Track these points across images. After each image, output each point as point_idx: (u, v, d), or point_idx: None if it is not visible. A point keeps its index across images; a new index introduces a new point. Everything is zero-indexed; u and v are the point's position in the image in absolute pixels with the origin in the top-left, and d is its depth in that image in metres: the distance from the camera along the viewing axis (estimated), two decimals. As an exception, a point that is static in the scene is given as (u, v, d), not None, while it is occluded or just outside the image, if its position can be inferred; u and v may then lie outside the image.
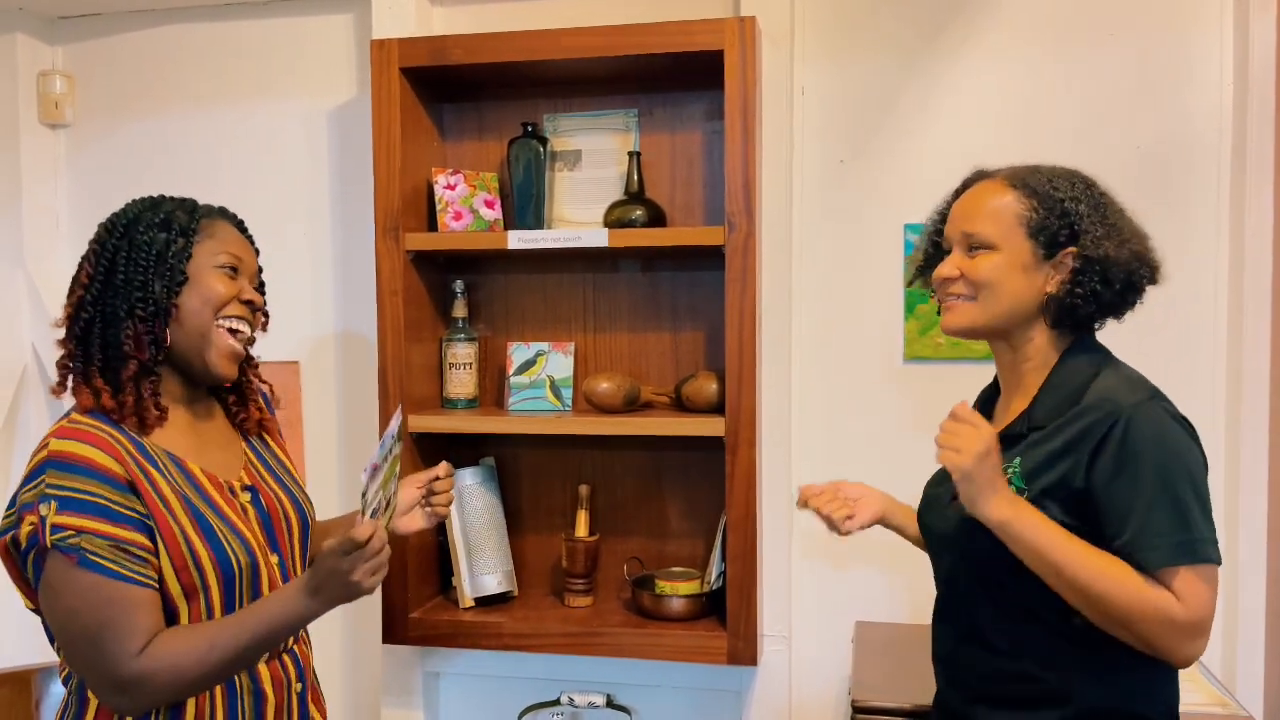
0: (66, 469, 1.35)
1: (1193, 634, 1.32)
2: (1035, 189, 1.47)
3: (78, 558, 1.33)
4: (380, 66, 2.25)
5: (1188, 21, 2.19)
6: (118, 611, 1.34)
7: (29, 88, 2.67)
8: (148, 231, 1.48)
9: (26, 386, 2.71)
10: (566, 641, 2.23)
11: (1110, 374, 1.44)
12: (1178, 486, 1.33)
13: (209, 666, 1.38)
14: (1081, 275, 1.44)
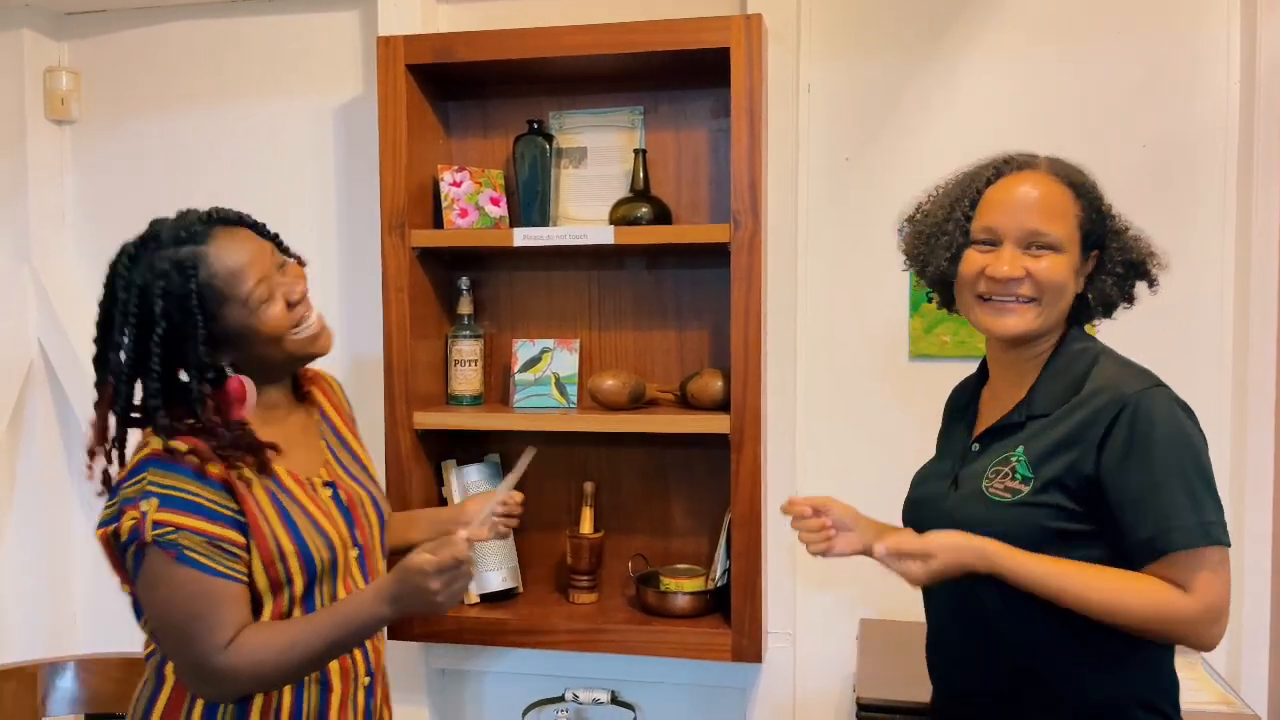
0: (167, 467, 1.41)
1: (1209, 620, 1.32)
2: (1084, 189, 1.47)
3: (176, 553, 1.39)
4: (386, 64, 2.25)
5: (1194, 20, 2.19)
6: (209, 606, 1.41)
7: (35, 84, 2.68)
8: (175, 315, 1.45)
9: (33, 382, 2.71)
10: (571, 638, 2.23)
11: (1108, 362, 1.45)
12: (1187, 471, 1.34)
13: (289, 663, 1.44)
14: (1109, 278, 1.47)
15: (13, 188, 2.67)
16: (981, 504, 1.43)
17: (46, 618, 2.72)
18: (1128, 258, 1.47)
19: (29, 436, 2.72)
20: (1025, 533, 1.38)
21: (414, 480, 2.30)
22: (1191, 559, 1.31)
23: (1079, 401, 1.40)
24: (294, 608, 1.50)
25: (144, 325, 1.46)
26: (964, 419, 1.60)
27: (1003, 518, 1.40)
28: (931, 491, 1.56)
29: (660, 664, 2.35)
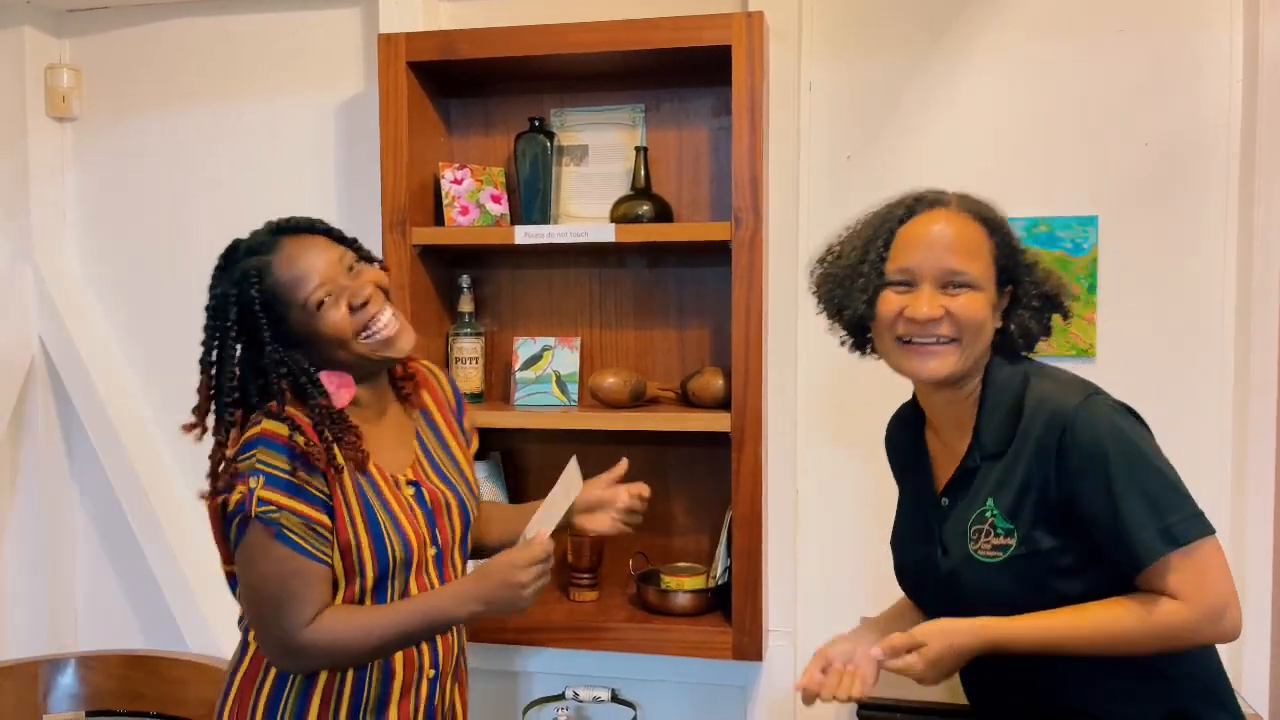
0: (275, 448, 1.49)
1: (1212, 619, 1.31)
2: (995, 225, 1.45)
3: (275, 531, 1.48)
4: (387, 61, 2.25)
5: (1196, 19, 2.18)
6: (300, 584, 1.50)
7: (37, 81, 2.68)
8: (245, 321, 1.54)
9: (34, 379, 2.71)
10: (571, 636, 2.23)
11: (1039, 380, 1.43)
12: (1138, 478, 1.32)
13: (365, 647, 1.53)
14: (1024, 311, 1.46)
15: (14, 185, 2.67)
16: (976, 570, 1.42)
17: (47, 615, 2.72)
18: (1042, 290, 1.47)
19: (30, 434, 2.72)
20: (1029, 585, 1.38)
21: (415, 478, 2.29)
22: (1168, 566, 1.30)
23: (1023, 430, 1.39)
24: (364, 597, 1.56)
25: (223, 331, 1.56)
26: (918, 467, 1.58)
27: (1001, 578, 1.39)
28: (922, 558, 1.53)
29: (661, 662, 2.35)
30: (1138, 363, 2.22)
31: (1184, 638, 1.32)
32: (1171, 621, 1.30)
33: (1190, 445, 2.21)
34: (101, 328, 2.73)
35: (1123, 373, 2.22)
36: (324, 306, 1.55)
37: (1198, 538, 1.31)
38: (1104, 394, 1.40)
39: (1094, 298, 2.21)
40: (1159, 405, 2.19)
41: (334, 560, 1.53)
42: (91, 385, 2.66)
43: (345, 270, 1.58)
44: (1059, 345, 2.22)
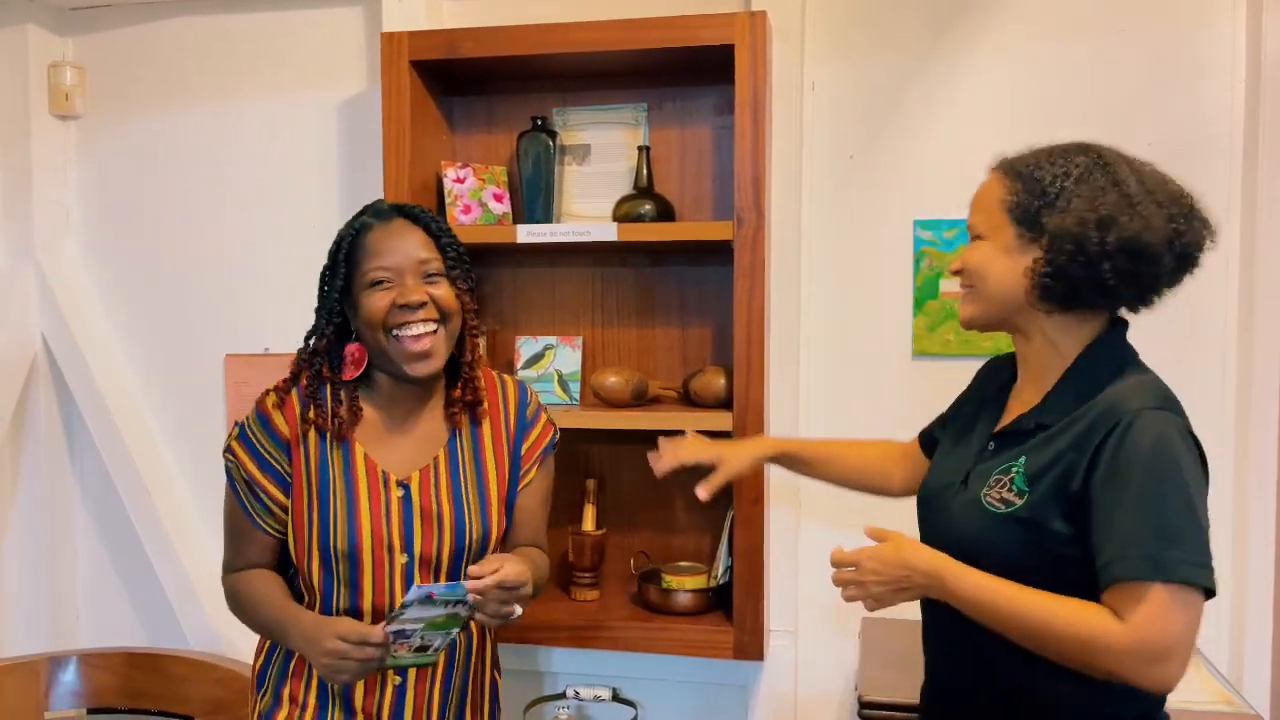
0: (257, 410, 1.66)
1: (1145, 658, 1.23)
2: (1019, 171, 1.43)
3: (229, 478, 1.66)
4: (390, 59, 2.25)
5: (1199, 18, 2.18)
6: (233, 532, 1.68)
7: (40, 79, 2.68)
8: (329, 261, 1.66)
9: (36, 377, 2.71)
10: (573, 634, 2.23)
11: (1130, 376, 1.38)
12: (1167, 499, 1.26)
13: (245, 618, 1.67)
14: (1051, 252, 1.36)
15: (16, 182, 2.68)
16: (977, 512, 1.41)
17: (49, 612, 2.73)
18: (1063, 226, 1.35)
19: (32, 432, 2.73)
20: (1015, 548, 1.36)
21: (416, 476, 2.29)
22: (1137, 591, 1.24)
23: (1083, 412, 1.35)
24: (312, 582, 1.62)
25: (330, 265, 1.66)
26: (992, 408, 1.55)
27: (994, 530, 1.38)
28: (944, 484, 1.52)
29: (662, 661, 2.35)
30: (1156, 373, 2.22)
31: (1103, 658, 1.25)
32: (1101, 634, 1.24)
33: (1192, 446, 2.21)
34: (103, 326, 2.73)
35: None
36: (376, 287, 1.59)
37: (1186, 582, 1.23)
38: (1180, 414, 1.34)
39: (1096, 298, 2.21)
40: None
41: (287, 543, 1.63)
42: (93, 383, 2.66)
43: (420, 272, 1.61)
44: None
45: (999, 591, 1.31)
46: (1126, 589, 1.25)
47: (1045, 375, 1.44)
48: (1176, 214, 1.36)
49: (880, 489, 1.79)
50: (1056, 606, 1.28)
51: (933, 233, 2.28)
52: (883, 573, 1.39)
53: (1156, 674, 1.24)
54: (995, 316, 1.45)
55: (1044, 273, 1.37)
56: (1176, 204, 1.37)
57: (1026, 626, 1.30)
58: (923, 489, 1.58)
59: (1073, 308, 1.40)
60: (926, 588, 1.37)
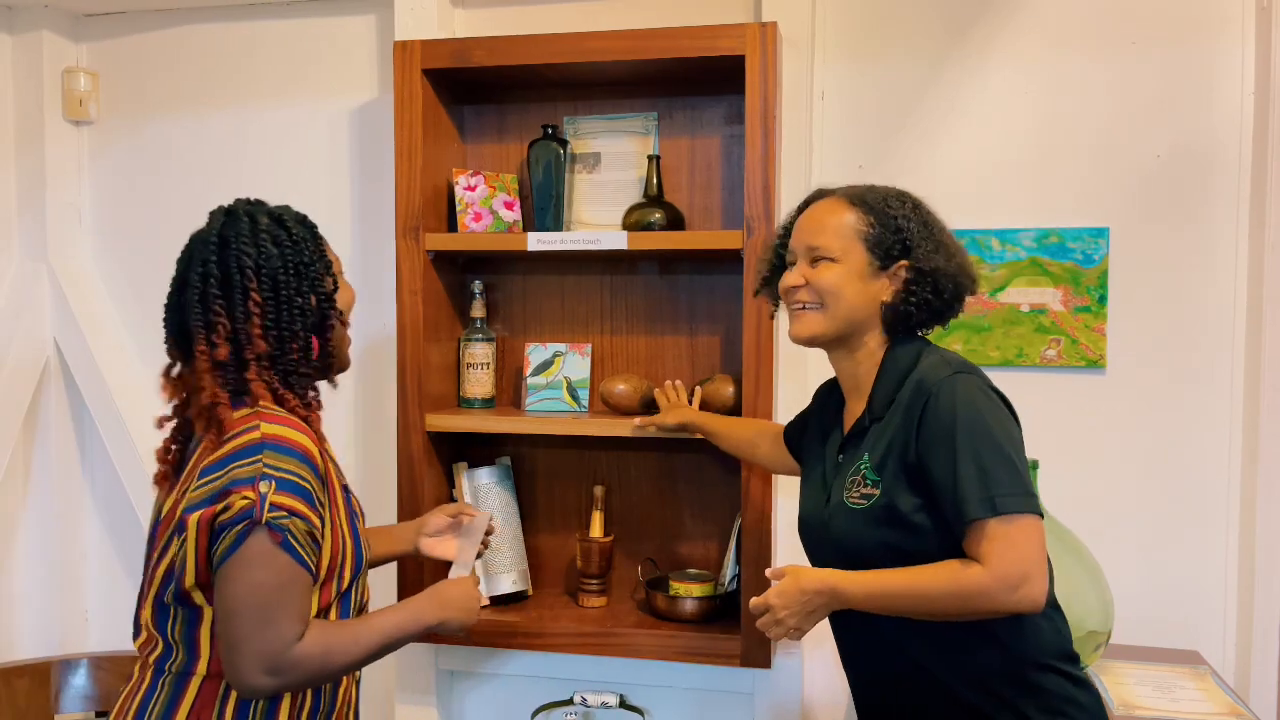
0: (282, 451, 1.44)
1: (1006, 588, 1.39)
2: (872, 206, 1.60)
3: (282, 538, 1.41)
4: (402, 68, 2.27)
5: (1210, 31, 2.19)
6: (293, 595, 1.43)
7: (54, 85, 2.70)
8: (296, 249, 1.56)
9: (48, 380, 2.73)
10: (580, 641, 2.24)
11: (929, 356, 1.57)
12: (979, 448, 1.43)
13: (352, 658, 1.50)
14: (914, 285, 1.58)
15: (30, 187, 2.70)
16: (844, 514, 1.57)
17: (59, 615, 2.74)
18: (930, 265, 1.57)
19: (43, 434, 2.74)
20: (887, 533, 1.51)
21: (425, 482, 2.31)
22: (982, 530, 1.41)
23: (900, 397, 1.54)
24: (330, 607, 1.53)
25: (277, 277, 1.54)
26: (834, 429, 1.71)
27: (863, 524, 1.53)
28: (812, 507, 1.69)
29: (668, 668, 2.36)
30: (1148, 374, 2.23)
31: (981, 603, 1.40)
32: (971, 585, 1.39)
33: (1200, 456, 2.21)
34: (115, 330, 2.75)
35: (1133, 384, 2.23)
36: (344, 277, 1.65)
37: (1016, 512, 1.40)
38: (976, 374, 1.53)
39: (1104, 309, 2.22)
40: (1169, 416, 2.21)
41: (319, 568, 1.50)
42: (105, 386, 2.67)
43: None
44: (1069, 356, 2.23)
45: (882, 580, 1.47)
46: (973, 531, 1.42)
47: (864, 383, 1.64)
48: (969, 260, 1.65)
49: (750, 458, 2.08)
50: (929, 574, 1.44)
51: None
52: (790, 605, 1.52)
53: (1022, 597, 1.39)
54: (840, 334, 1.62)
55: (907, 302, 1.58)
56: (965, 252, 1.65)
57: (914, 602, 1.45)
58: (799, 519, 1.73)
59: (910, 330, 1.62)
60: (828, 604, 1.51)
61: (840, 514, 1.57)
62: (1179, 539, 2.23)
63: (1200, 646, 2.19)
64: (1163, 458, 2.23)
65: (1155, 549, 2.23)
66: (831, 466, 1.67)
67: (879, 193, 1.63)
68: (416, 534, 1.92)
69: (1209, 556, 2.22)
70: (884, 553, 1.50)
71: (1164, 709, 1.83)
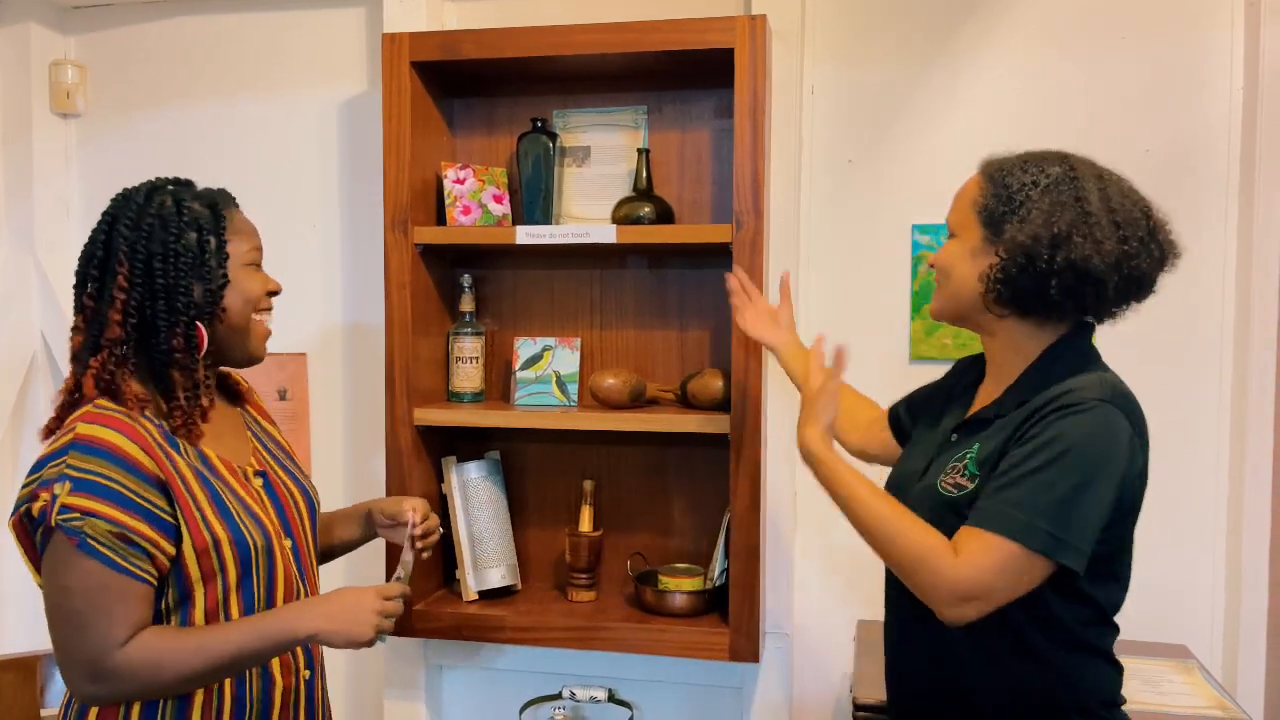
0: (90, 452, 1.37)
1: (953, 593, 1.31)
2: (993, 174, 1.47)
3: (78, 541, 1.35)
4: (391, 60, 2.26)
5: (1199, 27, 2.19)
6: (108, 600, 1.36)
7: (41, 77, 2.69)
8: (181, 234, 1.48)
9: (36, 373, 2.72)
10: (569, 636, 2.24)
11: (1089, 374, 1.41)
12: (1052, 476, 1.30)
13: (191, 669, 1.40)
14: (1006, 260, 1.41)
15: (18, 180, 2.69)
16: (932, 497, 1.46)
17: (46, 609, 2.73)
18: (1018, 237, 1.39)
19: (31, 426, 2.73)
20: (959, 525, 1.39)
21: (414, 476, 2.30)
22: (980, 534, 1.32)
23: (1036, 402, 1.39)
24: (228, 599, 1.47)
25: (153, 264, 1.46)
26: (959, 403, 1.60)
27: (944, 511, 1.42)
28: (908, 472, 1.59)
29: (658, 663, 2.36)
30: (1136, 369, 2.22)
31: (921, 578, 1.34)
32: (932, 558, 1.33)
33: (1188, 453, 2.22)
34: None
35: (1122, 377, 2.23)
36: (252, 268, 1.58)
37: (1035, 549, 1.30)
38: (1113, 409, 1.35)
39: (1093, 303, 2.22)
40: (1157, 413, 2.19)
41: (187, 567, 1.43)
42: (93, 380, 2.66)
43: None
44: (1058, 350, 2.23)
45: (858, 486, 1.42)
46: (979, 534, 1.32)
47: (1006, 373, 1.49)
48: (1131, 237, 1.39)
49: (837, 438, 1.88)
50: (909, 522, 1.37)
51: (931, 237, 2.29)
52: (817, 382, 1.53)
53: (956, 612, 1.33)
54: (958, 314, 1.52)
55: (996, 279, 1.42)
56: (1134, 226, 1.40)
57: (876, 527, 1.39)
58: (890, 477, 1.64)
59: (1025, 315, 1.45)
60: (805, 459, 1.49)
61: (928, 494, 1.47)
62: (1168, 534, 2.23)
63: (1188, 641, 2.19)
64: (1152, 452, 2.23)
65: (1144, 544, 2.21)
66: (943, 441, 1.56)
67: (1021, 157, 1.47)
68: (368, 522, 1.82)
69: (1197, 552, 2.22)
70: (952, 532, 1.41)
71: (1152, 703, 1.84)
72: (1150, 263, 1.41)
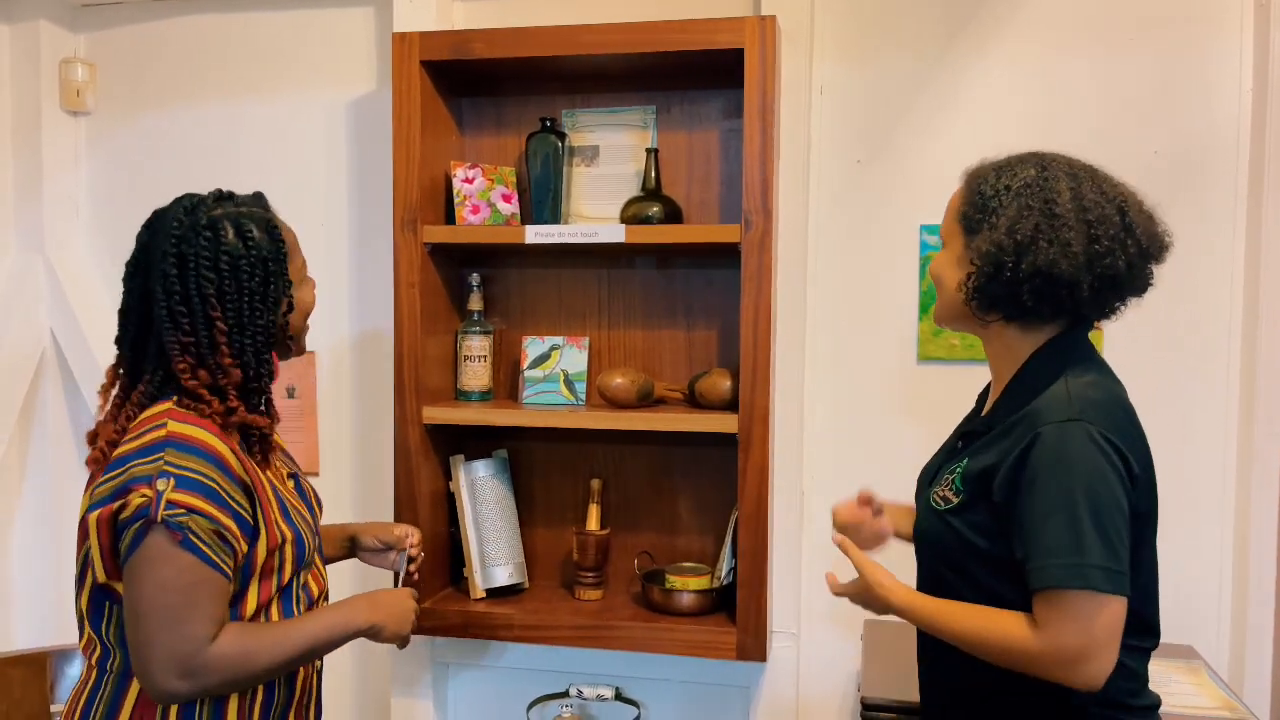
0: (186, 449, 1.41)
1: (1060, 662, 1.30)
2: (971, 181, 1.48)
3: (182, 536, 1.37)
4: (401, 59, 2.26)
5: (1208, 27, 2.19)
6: (203, 595, 1.39)
7: (51, 75, 2.69)
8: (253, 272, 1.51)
9: (45, 371, 2.73)
10: (576, 634, 2.24)
11: (1063, 386, 1.39)
12: (1078, 508, 1.30)
13: (275, 661, 1.46)
14: (977, 269, 1.42)
15: (27, 178, 2.69)
16: (926, 508, 1.51)
17: (56, 605, 2.74)
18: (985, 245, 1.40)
19: (40, 425, 2.74)
20: (953, 543, 1.44)
21: (422, 475, 2.31)
22: (1055, 598, 1.30)
23: (1017, 419, 1.40)
24: (273, 599, 1.52)
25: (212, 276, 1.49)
26: (974, 410, 1.63)
27: (936, 526, 1.47)
28: (924, 473, 1.63)
29: (664, 661, 2.36)
30: (1145, 370, 2.23)
31: (1024, 663, 1.33)
32: (1018, 643, 1.32)
33: (1195, 452, 2.22)
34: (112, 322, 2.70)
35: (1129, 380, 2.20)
36: (306, 282, 1.63)
37: (1099, 589, 1.29)
38: (1098, 420, 1.34)
39: (1101, 304, 2.22)
40: (1165, 412, 2.22)
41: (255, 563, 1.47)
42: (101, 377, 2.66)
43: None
44: (1066, 351, 2.23)
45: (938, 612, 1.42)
46: (1045, 597, 1.31)
47: (1002, 377, 1.51)
48: (1103, 236, 1.37)
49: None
50: (984, 621, 1.37)
51: (938, 238, 2.28)
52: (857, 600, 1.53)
53: (1076, 675, 1.31)
54: (954, 320, 1.53)
55: (971, 287, 1.43)
56: (1106, 224, 1.37)
57: (965, 642, 1.39)
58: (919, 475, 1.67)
59: (1011, 319, 1.45)
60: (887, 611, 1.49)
61: (923, 506, 1.54)
62: (1174, 534, 2.22)
63: (1194, 641, 2.19)
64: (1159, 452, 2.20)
65: (1150, 544, 2.24)
66: (951, 446, 1.58)
67: (998, 162, 1.47)
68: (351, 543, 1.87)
69: (1204, 551, 2.23)
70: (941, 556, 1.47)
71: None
72: (1128, 259, 1.38)
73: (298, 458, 2.12)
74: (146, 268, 1.52)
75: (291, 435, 2.57)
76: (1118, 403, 1.42)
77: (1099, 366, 1.46)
